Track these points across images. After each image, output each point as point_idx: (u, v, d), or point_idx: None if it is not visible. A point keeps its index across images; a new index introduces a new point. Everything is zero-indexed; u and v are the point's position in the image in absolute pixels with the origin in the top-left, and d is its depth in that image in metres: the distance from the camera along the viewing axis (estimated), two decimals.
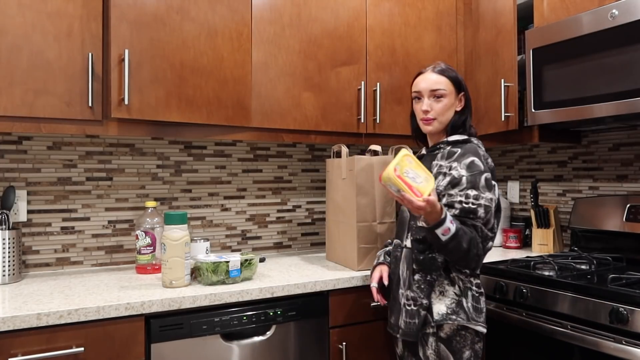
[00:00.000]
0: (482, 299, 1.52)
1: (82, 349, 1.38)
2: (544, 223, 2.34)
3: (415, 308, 1.49)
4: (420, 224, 1.50)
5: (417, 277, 1.51)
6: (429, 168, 1.58)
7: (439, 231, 1.37)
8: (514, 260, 1.99)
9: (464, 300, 1.47)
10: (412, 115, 1.71)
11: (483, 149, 1.57)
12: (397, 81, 2.28)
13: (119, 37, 1.67)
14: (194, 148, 2.21)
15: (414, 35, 2.33)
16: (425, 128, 1.60)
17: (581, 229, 2.21)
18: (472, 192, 1.44)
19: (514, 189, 2.70)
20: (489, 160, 1.54)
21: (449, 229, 1.37)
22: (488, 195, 1.45)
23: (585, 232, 2.21)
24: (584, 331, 1.54)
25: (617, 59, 1.73)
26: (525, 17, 2.26)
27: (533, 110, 2.03)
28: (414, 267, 1.53)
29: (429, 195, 1.35)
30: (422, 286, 1.50)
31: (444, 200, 1.49)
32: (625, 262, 1.99)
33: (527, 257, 2.11)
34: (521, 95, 2.25)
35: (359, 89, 2.19)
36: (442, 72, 1.57)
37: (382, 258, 1.75)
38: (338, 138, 2.18)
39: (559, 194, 2.47)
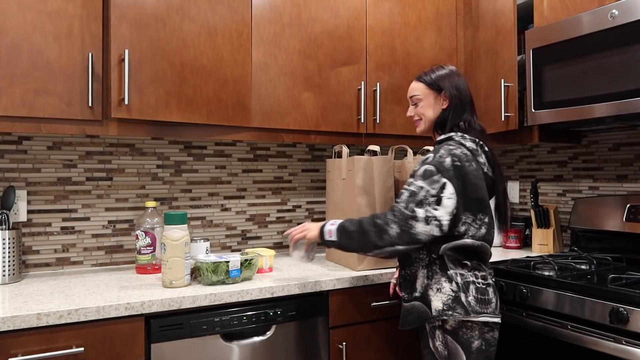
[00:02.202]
0: (490, 289, 1.53)
1: (82, 349, 1.38)
2: (544, 223, 2.34)
3: (403, 302, 1.63)
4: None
5: (402, 273, 1.64)
6: None
7: (326, 238, 1.58)
8: (514, 260, 1.99)
9: (462, 295, 1.49)
10: None
11: (465, 145, 1.54)
12: (397, 81, 2.28)
13: (119, 37, 1.66)
14: (194, 148, 2.21)
15: (414, 35, 2.33)
16: (416, 129, 1.73)
17: (581, 229, 2.21)
18: (408, 179, 1.54)
19: (514, 189, 2.70)
20: (448, 159, 1.49)
21: (330, 230, 1.57)
22: (419, 183, 1.49)
23: (585, 232, 2.21)
24: (584, 331, 1.54)
25: (617, 59, 1.73)
26: (525, 17, 2.26)
27: (533, 110, 2.03)
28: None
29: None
30: (401, 281, 1.64)
31: None
32: (625, 262, 1.99)
33: (527, 257, 2.11)
34: (521, 95, 2.25)
35: (359, 89, 2.19)
36: (419, 79, 1.69)
37: None
38: (338, 138, 2.18)
39: (559, 194, 2.47)
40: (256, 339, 1.66)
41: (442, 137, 1.62)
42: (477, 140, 1.58)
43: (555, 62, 1.94)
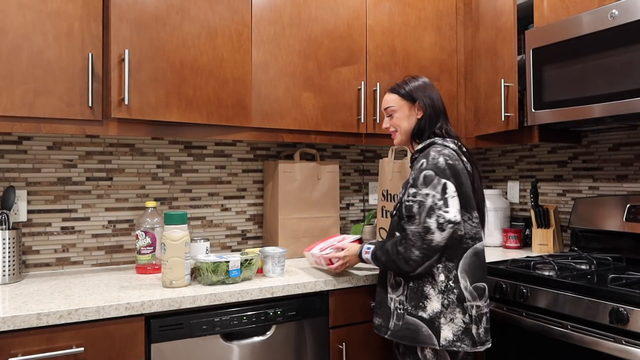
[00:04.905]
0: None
1: (82, 349, 1.38)
2: (544, 223, 2.34)
3: (401, 312, 1.56)
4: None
5: (411, 284, 1.55)
6: None
7: (367, 264, 1.71)
8: (514, 260, 1.99)
9: (473, 327, 1.51)
10: None
11: (449, 147, 1.58)
12: (397, 81, 2.27)
13: (119, 37, 1.66)
14: (194, 148, 2.21)
15: (414, 35, 2.33)
16: (393, 141, 1.75)
17: (581, 229, 2.21)
18: (411, 190, 1.54)
19: (514, 189, 2.70)
20: (440, 159, 1.52)
21: (367, 259, 1.65)
22: (424, 190, 1.50)
23: (585, 232, 2.21)
24: (583, 331, 1.54)
25: (617, 59, 1.73)
26: (525, 17, 2.26)
27: (533, 110, 2.03)
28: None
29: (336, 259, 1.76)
30: (407, 293, 1.56)
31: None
32: (625, 262, 1.99)
33: (527, 257, 2.11)
34: (521, 95, 2.25)
35: (359, 89, 2.19)
36: (392, 91, 1.73)
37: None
38: (338, 138, 2.18)
39: (559, 194, 2.47)
40: (256, 339, 1.66)
41: (423, 144, 1.65)
42: (456, 141, 1.64)
43: (555, 62, 1.94)
